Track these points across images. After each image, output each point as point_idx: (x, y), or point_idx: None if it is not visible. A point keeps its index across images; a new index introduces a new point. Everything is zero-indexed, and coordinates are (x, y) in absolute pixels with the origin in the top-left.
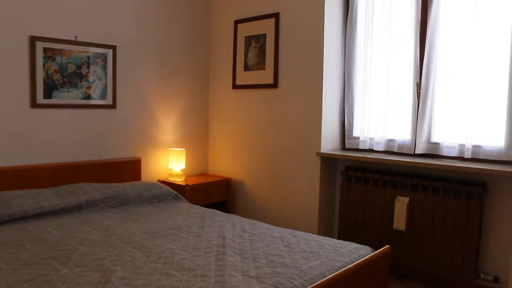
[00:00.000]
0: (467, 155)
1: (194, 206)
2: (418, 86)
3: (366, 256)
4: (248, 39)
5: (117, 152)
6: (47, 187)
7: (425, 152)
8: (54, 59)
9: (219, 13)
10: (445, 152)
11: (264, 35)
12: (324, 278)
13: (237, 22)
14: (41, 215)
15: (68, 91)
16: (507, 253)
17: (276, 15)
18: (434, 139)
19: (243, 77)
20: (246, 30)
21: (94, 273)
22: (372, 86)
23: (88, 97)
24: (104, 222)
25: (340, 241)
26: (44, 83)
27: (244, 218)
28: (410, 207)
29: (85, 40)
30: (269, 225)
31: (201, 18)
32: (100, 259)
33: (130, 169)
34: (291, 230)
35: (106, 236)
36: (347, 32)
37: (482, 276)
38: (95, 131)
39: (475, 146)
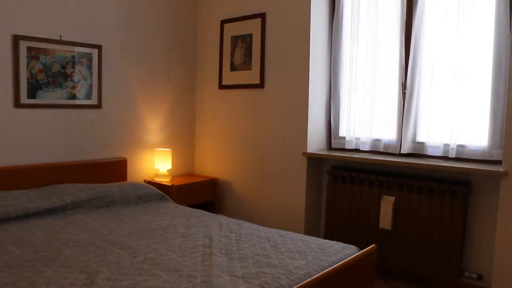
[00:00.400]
0: (452, 154)
1: (181, 206)
2: (404, 86)
3: (352, 255)
4: (235, 39)
5: (103, 153)
6: (31, 188)
7: (410, 151)
8: (38, 59)
9: (206, 13)
10: (430, 152)
11: (251, 35)
12: (310, 277)
13: (223, 22)
14: (25, 216)
15: (52, 91)
16: (491, 251)
17: (262, 15)
18: (420, 139)
19: (230, 77)
20: (233, 30)
21: (79, 274)
22: (358, 86)
23: (73, 97)
24: (90, 223)
25: (326, 240)
26: (28, 82)
27: (230, 218)
28: (396, 207)
29: (70, 40)
30: (256, 225)
31: (187, 18)
32: (85, 260)
33: (116, 169)
34: (277, 230)
35: (91, 237)
36: (333, 32)
37: (466, 274)
38: (80, 131)
39: (459, 146)
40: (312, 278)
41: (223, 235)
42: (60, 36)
